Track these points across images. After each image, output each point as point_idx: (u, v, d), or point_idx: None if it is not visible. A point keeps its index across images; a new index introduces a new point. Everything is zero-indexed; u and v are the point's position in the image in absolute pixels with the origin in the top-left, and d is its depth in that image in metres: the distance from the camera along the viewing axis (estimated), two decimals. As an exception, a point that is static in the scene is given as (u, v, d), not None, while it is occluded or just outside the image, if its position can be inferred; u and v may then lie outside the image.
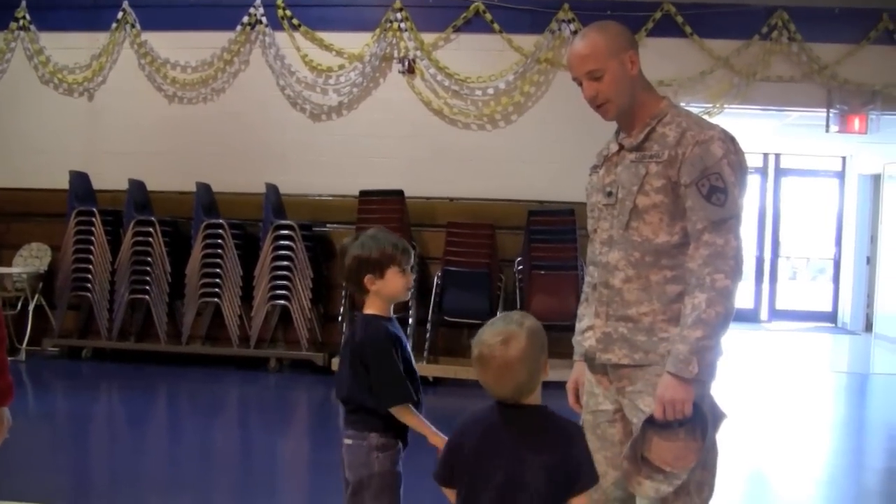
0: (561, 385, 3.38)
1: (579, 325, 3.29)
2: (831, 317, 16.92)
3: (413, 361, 3.46)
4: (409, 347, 3.47)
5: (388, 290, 3.44)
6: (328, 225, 10.37)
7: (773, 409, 9.05)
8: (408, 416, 3.35)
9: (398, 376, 3.33)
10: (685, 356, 2.82)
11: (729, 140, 2.95)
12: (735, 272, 2.87)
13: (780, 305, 17.30)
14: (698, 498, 2.96)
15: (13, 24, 10.94)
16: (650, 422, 2.91)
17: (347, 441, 3.41)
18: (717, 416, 2.97)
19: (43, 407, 8.17)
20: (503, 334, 2.53)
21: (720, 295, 2.84)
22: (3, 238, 10.53)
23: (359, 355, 3.37)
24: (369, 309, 3.46)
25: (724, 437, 3.02)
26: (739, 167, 2.94)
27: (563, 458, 2.48)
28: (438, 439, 3.27)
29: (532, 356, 2.51)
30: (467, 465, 2.55)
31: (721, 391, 2.99)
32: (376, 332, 3.39)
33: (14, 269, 10.30)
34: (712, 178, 2.88)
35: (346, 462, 3.42)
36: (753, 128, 13.31)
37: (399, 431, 3.42)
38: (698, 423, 2.90)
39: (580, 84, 3.06)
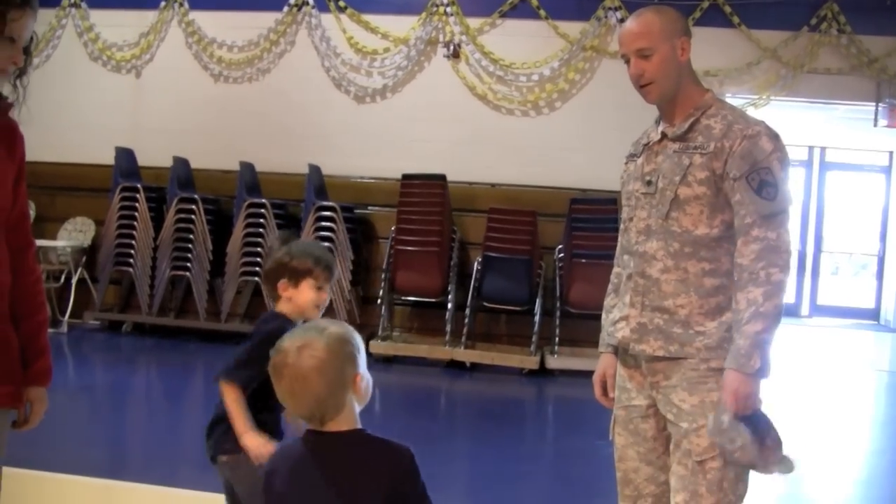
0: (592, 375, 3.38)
1: (608, 317, 3.27)
2: (874, 314, 16.70)
3: None
4: None
5: (297, 301, 3.37)
6: (370, 207, 10.39)
7: (813, 406, 8.99)
8: (230, 396, 3.22)
9: (250, 360, 3.19)
10: (747, 350, 2.80)
11: (774, 136, 2.94)
12: (787, 266, 2.86)
13: (821, 301, 17.14)
14: (733, 494, 2.94)
15: (65, 1, 11.04)
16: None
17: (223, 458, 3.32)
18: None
19: (82, 379, 8.26)
20: (300, 341, 2.23)
21: (776, 288, 2.83)
22: (48, 211, 10.62)
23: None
24: (279, 309, 3.42)
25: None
26: (786, 163, 2.93)
27: (390, 489, 2.17)
28: (250, 440, 3.14)
29: (332, 366, 2.20)
30: (278, 499, 2.26)
31: (761, 387, 2.97)
32: (271, 321, 3.34)
33: (58, 243, 10.41)
34: (762, 173, 2.87)
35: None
36: (799, 120, 13.18)
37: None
38: (755, 419, 2.88)
39: (627, 62, 3.06)
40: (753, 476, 2.99)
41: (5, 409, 2.70)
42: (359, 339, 2.30)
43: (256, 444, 3.14)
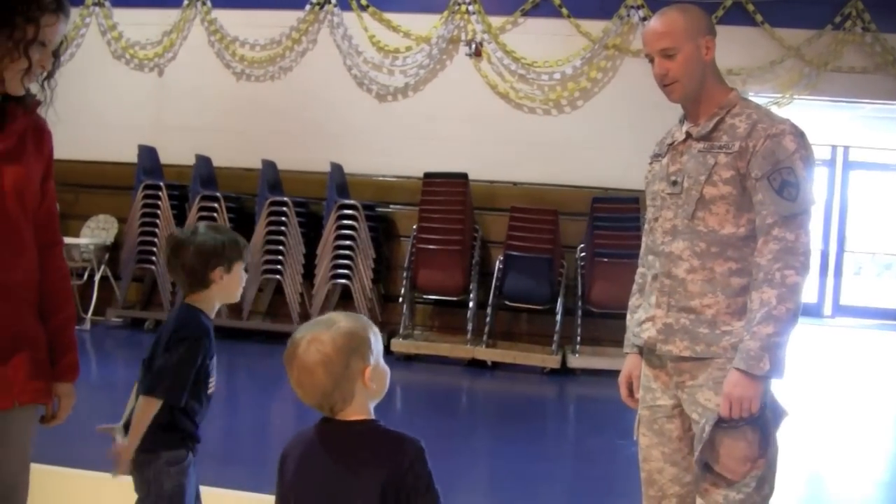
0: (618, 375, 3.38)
1: (633, 318, 3.25)
2: (897, 314, 16.62)
3: (212, 377, 3.29)
4: (214, 359, 3.28)
5: (229, 287, 3.27)
6: (391, 206, 10.40)
7: (835, 407, 8.93)
8: (149, 410, 3.09)
9: (182, 372, 3.12)
10: (756, 353, 2.79)
11: (799, 135, 2.92)
12: (804, 268, 2.84)
13: (844, 301, 17.03)
14: (758, 495, 2.93)
15: (88, 0, 11.09)
16: (717, 423, 2.88)
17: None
18: (779, 414, 2.94)
19: (105, 376, 8.29)
20: (311, 334, 2.28)
21: (790, 291, 2.81)
22: (71, 209, 10.65)
23: (165, 343, 3.16)
24: (194, 301, 3.27)
25: (785, 435, 2.99)
26: (810, 163, 2.91)
27: (391, 479, 2.20)
28: (127, 452, 3.09)
29: (337, 361, 2.24)
30: (290, 486, 2.33)
31: (782, 388, 2.95)
32: (193, 319, 3.21)
33: (82, 240, 10.45)
34: (784, 173, 2.85)
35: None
36: (823, 119, 13.12)
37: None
38: (760, 421, 2.88)
39: (652, 61, 3.05)
40: (778, 477, 2.98)
41: (34, 405, 2.74)
42: (372, 333, 2.33)
43: (126, 458, 3.12)
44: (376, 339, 2.34)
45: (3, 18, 2.49)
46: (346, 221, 9.70)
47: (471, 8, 10.24)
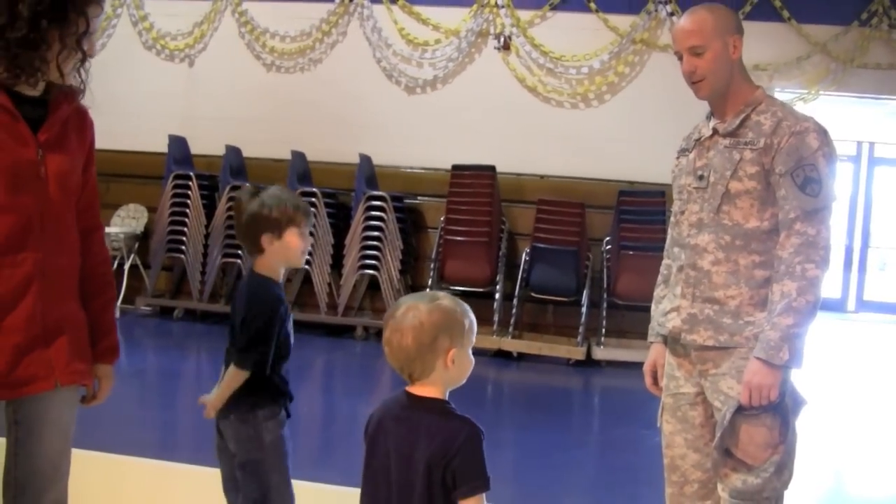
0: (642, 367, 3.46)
1: (658, 308, 3.35)
2: (921, 310, 16.55)
3: (291, 334, 3.38)
4: (291, 320, 3.38)
5: (284, 252, 3.31)
6: (419, 197, 10.46)
7: (857, 402, 8.93)
8: (237, 379, 3.25)
9: (266, 346, 3.24)
10: (776, 343, 2.88)
11: (822, 133, 3.01)
12: (824, 262, 2.93)
13: (868, 297, 17.00)
14: (778, 480, 3.02)
15: (120, -10, 11.21)
16: (737, 410, 2.97)
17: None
18: (798, 402, 3.03)
19: (135, 363, 8.39)
20: (413, 302, 2.43)
21: (810, 284, 2.90)
22: (102, 198, 10.53)
23: (242, 317, 3.28)
24: (260, 269, 3.35)
25: (805, 429, 3.06)
26: (832, 160, 3.01)
27: (439, 457, 2.33)
28: (213, 406, 3.34)
29: (427, 332, 2.38)
30: (366, 445, 2.50)
31: (805, 381, 3.03)
32: (263, 291, 3.30)
33: (112, 229, 10.49)
34: (807, 169, 2.94)
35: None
36: (848, 115, 13.09)
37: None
38: (780, 409, 2.96)
39: (680, 58, 3.13)
40: (798, 469, 3.06)
41: (75, 386, 2.82)
42: (468, 321, 2.47)
43: (212, 410, 3.35)
44: (470, 329, 2.47)
45: (60, 16, 2.58)
46: (374, 213, 9.77)
47: (500, 2, 10.28)
